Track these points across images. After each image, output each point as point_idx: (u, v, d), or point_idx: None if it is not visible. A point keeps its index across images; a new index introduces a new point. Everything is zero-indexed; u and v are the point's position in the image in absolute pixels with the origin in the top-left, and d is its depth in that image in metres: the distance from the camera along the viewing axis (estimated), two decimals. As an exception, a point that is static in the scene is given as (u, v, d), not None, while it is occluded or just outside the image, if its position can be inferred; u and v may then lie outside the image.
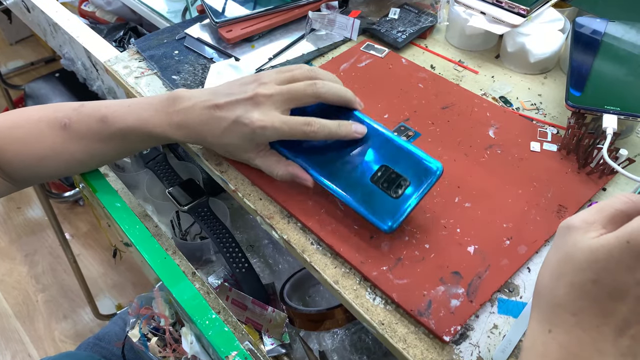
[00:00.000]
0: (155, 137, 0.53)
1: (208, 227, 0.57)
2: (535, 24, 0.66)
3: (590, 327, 0.31)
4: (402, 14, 0.76)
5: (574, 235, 0.33)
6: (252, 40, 0.74)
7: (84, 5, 1.17)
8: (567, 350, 0.31)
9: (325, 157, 0.50)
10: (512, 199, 0.52)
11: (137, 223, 0.55)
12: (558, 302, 0.32)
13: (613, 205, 0.34)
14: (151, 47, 0.74)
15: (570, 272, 0.32)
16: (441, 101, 0.63)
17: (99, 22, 1.17)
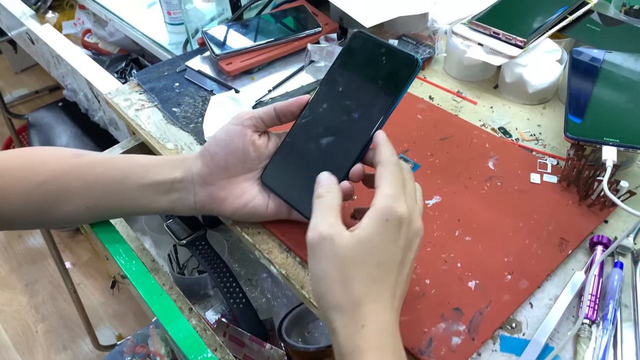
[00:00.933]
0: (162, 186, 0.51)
1: (206, 261, 0.56)
2: (533, 55, 0.66)
3: (387, 301, 0.38)
4: (400, 45, 0.76)
5: (332, 241, 0.37)
6: (252, 73, 0.74)
7: (87, 37, 1.19)
8: (387, 331, 0.37)
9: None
10: (512, 232, 0.51)
11: (134, 258, 0.55)
12: (358, 300, 0.37)
13: (335, 202, 0.40)
14: (152, 79, 0.75)
15: (355, 270, 0.37)
16: (440, 132, 0.63)
17: (101, 53, 1.18)
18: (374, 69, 0.45)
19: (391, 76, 0.44)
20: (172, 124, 0.68)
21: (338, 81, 0.47)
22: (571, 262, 0.50)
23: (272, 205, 0.50)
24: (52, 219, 0.52)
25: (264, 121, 0.49)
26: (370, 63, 0.46)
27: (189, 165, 0.50)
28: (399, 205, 0.39)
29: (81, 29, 1.20)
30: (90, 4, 1.06)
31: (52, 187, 0.50)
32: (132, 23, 0.98)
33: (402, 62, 0.44)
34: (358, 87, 0.46)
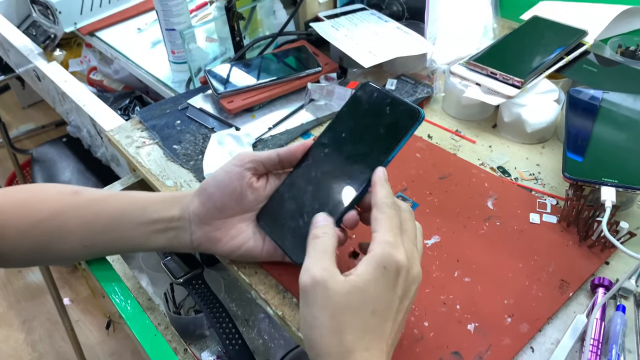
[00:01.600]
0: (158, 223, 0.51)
1: (202, 301, 0.56)
2: (531, 95, 0.67)
3: (380, 350, 0.37)
4: (399, 84, 0.78)
5: (325, 286, 0.37)
6: (253, 110, 0.75)
7: (93, 74, 1.21)
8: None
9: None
10: (512, 274, 0.51)
11: (129, 297, 0.54)
12: (350, 349, 0.36)
13: (331, 244, 0.40)
14: (154, 116, 0.76)
15: (348, 318, 0.36)
16: (439, 171, 0.63)
17: (106, 90, 1.20)
18: (377, 118, 0.46)
19: (393, 126, 0.45)
20: (173, 161, 0.68)
21: (342, 128, 0.48)
22: (572, 305, 0.49)
23: (267, 247, 0.50)
24: (49, 257, 0.52)
25: (265, 165, 0.49)
26: (375, 112, 0.46)
27: (187, 203, 0.50)
28: (398, 252, 0.38)
29: (87, 66, 1.22)
30: (96, 42, 1.09)
31: (50, 225, 0.50)
32: (136, 61, 1.00)
33: (406, 113, 0.45)
34: (360, 135, 0.46)
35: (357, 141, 0.46)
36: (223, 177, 0.48)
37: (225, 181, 0.48)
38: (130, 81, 1.19)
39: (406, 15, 0.86)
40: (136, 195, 0.52)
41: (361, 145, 0.46)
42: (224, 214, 0.49)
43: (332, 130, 0.48)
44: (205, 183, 0.49)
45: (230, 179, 0.48)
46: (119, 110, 1.09)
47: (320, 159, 0.48)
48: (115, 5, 1.14)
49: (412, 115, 0.45)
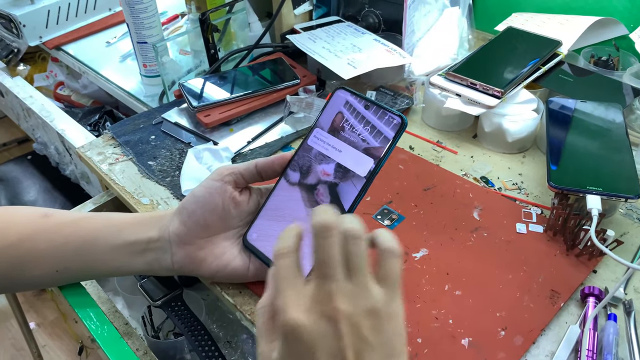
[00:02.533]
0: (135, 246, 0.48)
1: (182, 324, 0.53)
2: (510, 105, 0.67)
3: None
4: (378, 96, 0.77)
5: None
6: (231, 124, 0.74)
7: (60, 89, 1.17)
8: None
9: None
10: (503, 285, 0.50)
11: (106, 322, 0.51)
12: None
13: (260, 321, 0.33)
14: (127, 132, 0.73)
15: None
16: (423, 182, 0.62)
17: (74, 105, 1.17)
18: (358, 126, 0.44)
19: (377, 135, 0.43)
20: (148, 177, 0.66)
21: (321, 139, 0.46)
22: (564, 315, 0.49)
23: (253, 267, 0.48)
24: (19, 284, 0.49)
25: (245, 177, 0.47)
26: (355, 120, 0.45)
27: (166, 223, 0.47)
28: (288, 316, 0.30)
29: (53, 81, 1.18)
30: (63, 56, 1.05)
31: (19, 250, 0.47)
32: (106, 75, 0.97)
33: (387, 121, 0.43)
34: (342, 146, 0.45)
35: (340, 152, 0.45)
36: (203, 193, 0.46)
37: (206, 197, 0.46)
38: (100, 96, 1.16)
39: (382, 27, 0.86)
40: (110, 216, 0.49)
41: (344, 156, 0.44)
42: (207, 232, 0.46)
43: (311, 141, 0.47)
44: (185, 202, 0.47)
45: (211, 195, 0.46)
46: (88, 125, 1.05)
47: (302, 173, 0.46)
48: (82, 19, 1.11)
49: (396, 122, 0.43)
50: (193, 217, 0.46)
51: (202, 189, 0.47)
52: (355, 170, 0.43)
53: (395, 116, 0.43)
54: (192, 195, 0.47)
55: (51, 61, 1.18)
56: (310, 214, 0.43)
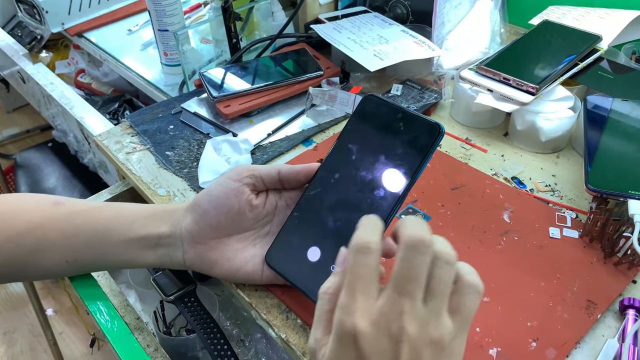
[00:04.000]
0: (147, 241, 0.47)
1: (195, 320, 0.52)
2: (545, 102, 0.64)
3: None
4: (404, 90, 0.74)
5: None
6: (251, 116, 0.72)
7: (81, 77, 1.17)
8: None
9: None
10: (534, 293, 0.47)
11: (116, 317, 0.50)
12: None
13: (322, 309, 0.32)
14: (145, 121, 0.72)
15: None
16: (450, 181, 0.60)
17: (94, 93, 1.16)
18: (390, 136, 0.41)
19: (411, 146, 0.40)
20: (165, 168, 0.64)
21: (350, 149, 0.43)
22: (600, 328, 0.46)
23: (267, 272, 0.45)
24: (28, 274, 0.48)
25: (265, 182, 0.45)
26: (386, 130, 0.42)
27: (178, 218, 0.46)
28: (350, 317, 0.30)
29: (75, 68, 1.18)
30: (85, 44, 1.05)
31: (28, 239, 0.45)
32: (126, 63, 0.96)
33: (423, 130, 0.40)
34: (374, 158, 0.42)
35: (371, 164, 0.42)
36: (219, 192, 0.44)
37: (222, 198, 0.44)
38: (120, 84, 1.15)
39: (410, 19, 0.83)
40: (123, 208, 0.48)
41: (376, 170, 0.41)
42: (219, 234, 0.45)
43: (339, 152, 0.43)
44: (200, 198, 0.45)
45: (227, 196, 0.44)
46: (107, 114, 1.05)
47: (331, 186, 0.43)
48: (105, 6, 1.10)
49: (431, 131, 0.39)
50: (206, 218, 0.44)
51: (219, 187, 0.45)
52: (388, 185, 0.41)
53: (430, 125, 0.40)
54: (208, 194, 0.45)
55: (73, 48, 1.17)
56: (339, 233, 0.41)
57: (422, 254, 0.30)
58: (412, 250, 0.30)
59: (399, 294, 0.30)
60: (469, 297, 0.31)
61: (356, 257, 0.31)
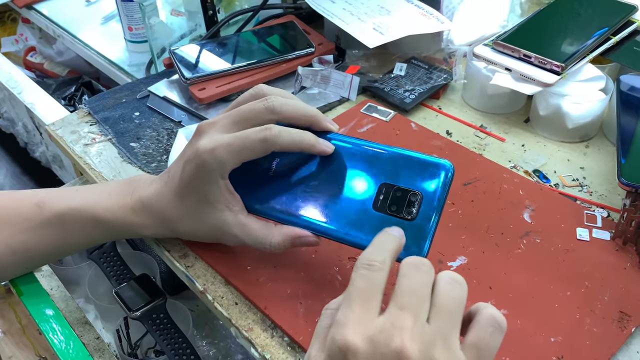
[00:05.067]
0: (104, 224, 0.50)
1: (164, 340, 0.53)
2: (572, 83, 0.65)
3: None
4: (409, 69, 0.75)
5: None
6: (230, 100, 0.72)
7: (31, 56, 1.17)
8: None
9: (313, 201, 0.47)
10: (559, 304, 0.48)
11: (72, 337, 0.50)
12: None
13: (321, 324, 0.34)
14: (106, 107, 0.72)
15: None
16: (462, 176, 0.60)
17: (47, 75, 1.16)
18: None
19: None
20: (129, 162, 0.65)
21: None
22: (635, 343, 0.46)
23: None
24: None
25: None
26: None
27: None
28: (343, 332, 0.31)
29: (24, 46, 1.18)
30: (36, 17, 1.05)
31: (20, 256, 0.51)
32: (85, 40, 0.97)
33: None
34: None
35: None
36: (205, 234, 0.50)
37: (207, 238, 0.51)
38: (77, 64, 1.16)
39: (416, -14, 0.83)
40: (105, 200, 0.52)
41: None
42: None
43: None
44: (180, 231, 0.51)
45: (214, 235, 0.50)
46: (62, 99, 1.05)
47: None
48: (58, -28, 1.10)
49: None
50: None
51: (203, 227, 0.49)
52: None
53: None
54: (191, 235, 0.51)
55: (21, 22, 1.17)
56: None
57: (424, 273, 0.33)
58: (412, 267, 0.33)
59: (399, 308, 0.31)
60: (488, 332, 0.32)
61: (358, 271, 0.33)
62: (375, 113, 0.69)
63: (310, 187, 0.48)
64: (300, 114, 0.48)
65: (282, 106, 0.47)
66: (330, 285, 0.49)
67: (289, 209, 0.48)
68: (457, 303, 0.32)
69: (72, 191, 0.53)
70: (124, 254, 0.69)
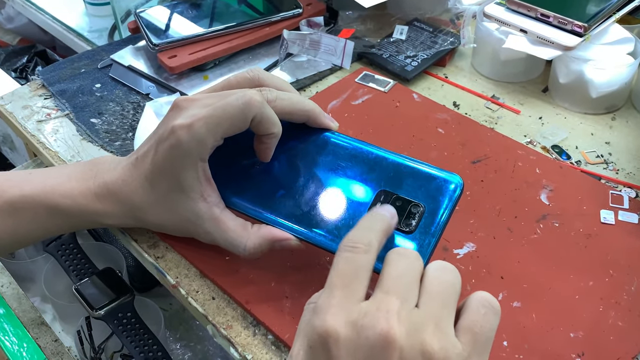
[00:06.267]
0: (62, 212, 0.50)
1: (132, 342, 0.53)
2: (597, 46, 0.66)
3: None
4: (411, 33, 0.75)
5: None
6: (205, 70, 0.73)
7: (-24, 23, 1.17)
8: None
9: (300, 201, 0.48)
10: (580, 295, 0.49)
11: (26, 339, 0.51)
12: None
13: (303, 319, 0.35)
14: (63, 78, 0.73)
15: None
16: (470, 153, 0.61)
17: (-5, 44, 1.16)
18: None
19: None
20: (90, 141, 0.65)
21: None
22: (665, 338, 0.47)
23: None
24: None
25: None
26: None
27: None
28: (322, 317, 0.32)
29: (-33, 11, 1.18)
30: (-20, -23, 1.04)
31: None
32: (38, 4, 0.97)
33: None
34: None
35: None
36: (174, 226, 0.51)
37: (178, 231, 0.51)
38: (30, 31, 1.16)
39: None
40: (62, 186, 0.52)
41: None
42: None
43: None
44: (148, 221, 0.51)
45: (185, 228, 0.50)
46: (12, 71, 1.05)
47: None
48: None
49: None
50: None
51: (173, 217, 0.49)
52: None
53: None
54: (160, 226, 0.51)
55: (-36, -16, 1.17)
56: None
57: (411, 260, 0.34)
58: (398, 255, 0.34)
59: (385, 292, 0.32)
60: (480, 313, 0.33)
61: (340, 254, 0.34)
62: (372, 83, 0.69)
63: (299, 184, 0.48)
64: (297, 109, 0.48)
65: (276, 100, 0.47)
66: (321, 277, 0.49)
67: (271, 205, 0.48)
68: (450, 287, 0.33)
69: (24, 175, 0.53)
70: (85, 245, 0.70)
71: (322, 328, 0.31)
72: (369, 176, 0.47)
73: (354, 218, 0.45)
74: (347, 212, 0.46)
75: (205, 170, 0.47)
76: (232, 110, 0.45)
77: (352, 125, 0.64)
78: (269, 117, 0.46)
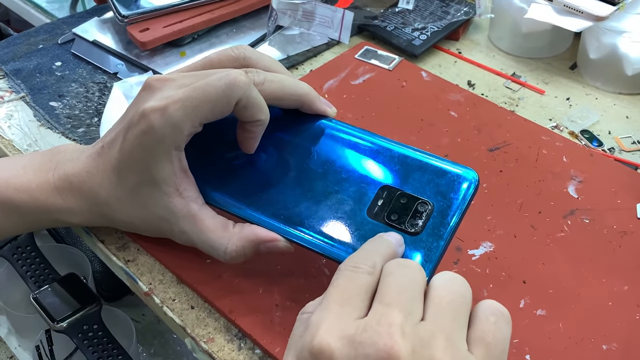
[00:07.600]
0: (17, 209, 0.51)
1: (100, 358, 0.53)
2: (632, 16, 0.66)
3: None
4: (419, 2, 0.76)
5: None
6: (182, 45, 0.73)
7: None
8: None
9: (291, 196, 0.48)
10: (613, 302, 0.49)
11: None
12: None
13: (295, 332, 0.36)
14: (17, 56, 0.73)
15: None
16: (487, 139, 0.61)
17: (-60, 18, 1.16)
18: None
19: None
20: (49, 127, 0.66)
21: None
22: None
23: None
24: None
25: None
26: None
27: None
28: (311, 332, 0.33)
29: None
30: None
31: None
32: (-12, -31, 0.96)
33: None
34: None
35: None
36: (146, 224, 0.50)
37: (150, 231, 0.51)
38: (-21, 3, 1.15)
39: None
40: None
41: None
42: None
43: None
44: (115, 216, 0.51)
45: (158, 226, 0.50)
46: (-40, 49, 1.05)
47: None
48: None
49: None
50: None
51: (144, 213, 0.49)
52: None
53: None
54: (131, 225, 0.51)
55: None
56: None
57: (414, 270, 0.35)
58: (398, 265, 0.35)
59: (387, 305, 0.32)
60: (491, 321, 0.34)
61: (340, 272, 0.35)
62: (374, 59, 0.69)
63: (289, 178, 0.48)
64: (288, 93, 0.48)
65: (265, 82, 0.47)
66: (315, 283, 0.50)
67: (256, 201, 0.48)
68: (460, 297, 0.34)
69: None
70: (45, 248, 0.70)
71: (313, 343, 0.31)
72: (370, 169, 0.47)
73: (352, 217, 0.45)
74: (344, 211, 0.46)
75: (181, 161, 0.47)
76: (213, 91, 0.45)
77: (352, 109, 0.64)
78: (255, 102, 0.45)
